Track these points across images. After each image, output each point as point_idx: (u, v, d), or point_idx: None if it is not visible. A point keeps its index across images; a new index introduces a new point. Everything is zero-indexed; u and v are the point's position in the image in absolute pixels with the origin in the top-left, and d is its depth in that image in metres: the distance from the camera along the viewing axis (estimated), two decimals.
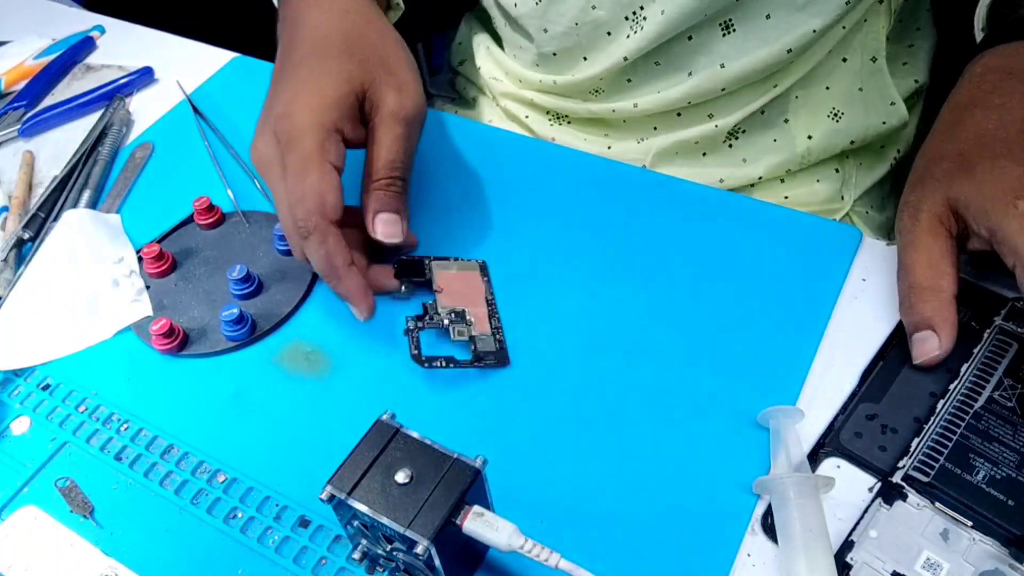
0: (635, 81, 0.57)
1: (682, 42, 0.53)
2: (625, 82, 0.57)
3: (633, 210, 0.49)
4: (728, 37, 0.52)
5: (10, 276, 0.51)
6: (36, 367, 0.46)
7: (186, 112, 0.62)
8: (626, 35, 0.54)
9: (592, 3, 0.54)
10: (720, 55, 0.52)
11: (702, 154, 0.59)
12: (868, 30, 0.54)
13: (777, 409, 0.38)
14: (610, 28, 0.54)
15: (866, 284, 0.44)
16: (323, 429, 0.42)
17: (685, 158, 0.59)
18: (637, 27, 0.53)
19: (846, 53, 0.55)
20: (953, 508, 0.34)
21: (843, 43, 0.54)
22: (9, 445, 0.43)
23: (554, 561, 0.31)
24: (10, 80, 0.68)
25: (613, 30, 0.54)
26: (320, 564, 0.37)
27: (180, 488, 0.40)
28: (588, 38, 0.56)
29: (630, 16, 0.53)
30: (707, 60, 0.53)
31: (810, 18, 0.50)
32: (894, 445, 0.37)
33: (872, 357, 0.40)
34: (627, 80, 0.57)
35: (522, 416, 0.41)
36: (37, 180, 0.59)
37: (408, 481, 0.31)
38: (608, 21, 0.54)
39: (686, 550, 0.35)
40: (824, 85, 0.56)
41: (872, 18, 0.53)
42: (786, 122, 0.57)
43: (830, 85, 0.55)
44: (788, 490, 0.35)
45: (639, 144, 0.59)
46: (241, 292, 0.47)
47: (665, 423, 0.40)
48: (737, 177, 0.58)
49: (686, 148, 0.58)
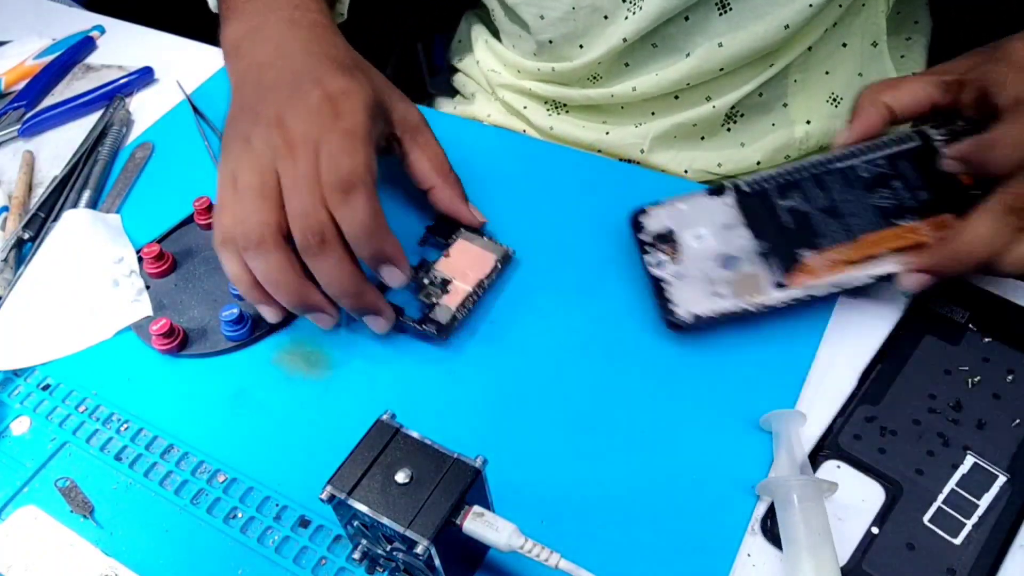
0: (633, 64, 0.57)
1: (679, 23, 0.53)
2: (623, 66, 0.57)
3: (631, 207, 0.49)
4: (725, 16, 0.52)
5: (10, 276, 0.51)
6: (36, 367, 0.46)
7: (186, 112, 0.62)
8: (624, 16, 0.54)
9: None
10: (717, 34, 0.53)
11: (700, 138, 0.59)
12: (867, 14, 0.54)
13: (780, 413, 0.38)
14: (607, 11, 0.54)
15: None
16: (323, 429, 0.42)
17: (683, 142, 0.59)
18: (635, 7, 0.53)
19: (846, 38, 0.55)
20: None
21: (843, 27, 0.54)
22: (9, 445, 0.43)
23: (554, 561, 0.31)
24: (10, 80, 0.68)
25: (610, 13, 0.54)
26: (320, 564, 0.37)
27: (180, 488, 0.40)
28: (585, 23, 0.56)
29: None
30: (704, 40, 0.53)
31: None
32: (893, 447, 0.37)
33: (871, 358, 0.41)
34: (625, 64, 0.57)
35: (522, 416, 0.41)
36: (37, 180, 0.59)
37: (408, 481, 0.31)
38: (605, 4, 0.54)
39: (686, 550, 0.35)
40: (824, 70, 0.56)
41: (870, 1, 0.53)
42: (784, 106, 0.57)
43: (830, 70, 0.56)
44: (792, 493, 0.35)
45: (637, 128, 0.59)
46: None
47: (664, 423, 0.40)
48: (735, 161, 0.58)
49: (684, 131, 0.58)
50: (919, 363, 0.40)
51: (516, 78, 0.64)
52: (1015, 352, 0.39)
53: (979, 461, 0.36)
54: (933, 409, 0.38)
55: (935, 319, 0.41)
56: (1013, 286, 0.42)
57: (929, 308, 0.42)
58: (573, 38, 0.57)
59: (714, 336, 0.42)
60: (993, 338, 0.40)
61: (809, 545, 0.33)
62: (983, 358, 0.39)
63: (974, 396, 0.38)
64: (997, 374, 0.39)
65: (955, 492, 0.35)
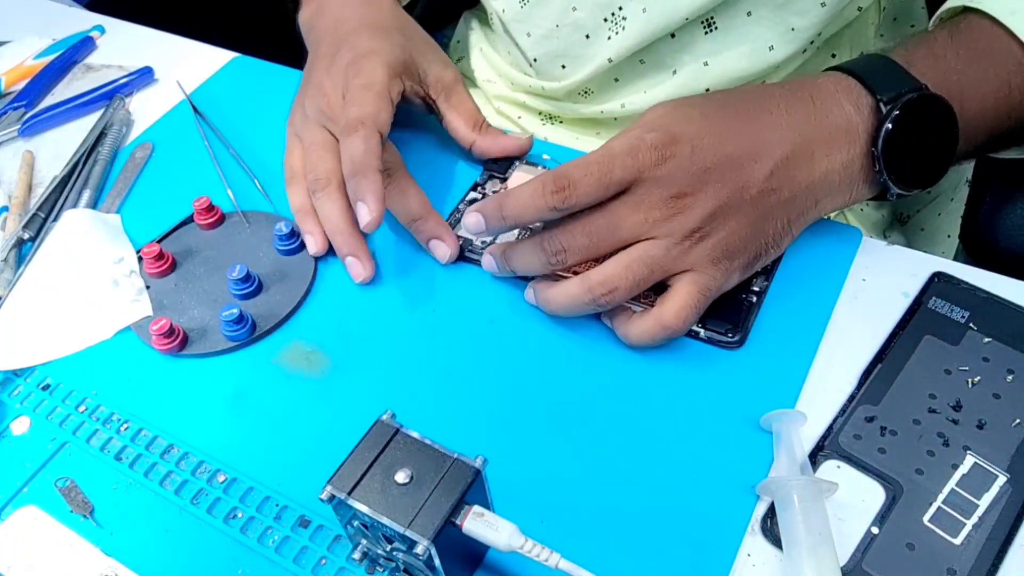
0: (622, 80, 0.57)
1: (666, 40, 0.53)
2: (612, 81, 0.57)
3: None
4: (711, 34, 0.52)
5: (10, 276, 0.51)
6: (36, 367, 0.46)
7: (186, 112, 0.62)
8: (607, 37, 0.54)
9: (572, 5, 0.54)
10: (704, 53, 0.53)
11: None
12: (857, 26, 0.54)
13: (780, 413, 0.38)
14: (589, 31, 0.54)
15: (866, 284, 0.44)
16: (323, 429, 0.42)
17: None
18: (617, 28, 0.53)
19: (835, 49, 0.55)
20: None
21: (832, 38, 0.54)
22: (9, 445, 0.43)
23: (554, 561, 0.31)
24: (10, 80, 0.68)
25: (592, 32, 0.54)
26: (320, 564, 0.37)
27: (180, 488, 0.40)
28: (568, 41, 0.56)
29: (609, 18, 0.53)
30: (690, 59, 0.53)
31: (791, 16, 0.50)
32: (893, 447, 0.37)
33: (871, 358, 0.41)
34: (614, 80, 0.57)
35: (522, 416, 0.41)
36: (37, 180, 0.59)
37: (408, 481, 0.31)
38: (586, 23, 0.54)
39: (686, 550, 0.35)
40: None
41: (860, 18, 0.53)
42: None
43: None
44: (792, 493, 0.35)
45: None
46: (241, 292, 0.47)
47: (665, 423, 0.40)
48: None
49: None
50: (919, 363, 0.40)
51: (510, 90, 0.64)
52: (1015, 352, 0.39)
53: (979, 461, 0.36)
54: (933, 409, 0.38)
55: (935, 319, 0.41)
56: (1014, 286, 0.42)
57: (929, 308, 0.42)
58: (556, 57, 0.57)
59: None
60: (993, 338, 0.40)
61: (809, 545, 0.33)
62: (983, 358, 0.39)
63: (974, 396, 0.38)
64: (997, 374, 0.39)
65: (955, 492, 0.35)
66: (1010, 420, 0.37)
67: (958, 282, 0.42)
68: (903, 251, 0.45)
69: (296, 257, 0.49)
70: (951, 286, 0.42)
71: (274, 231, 0.49)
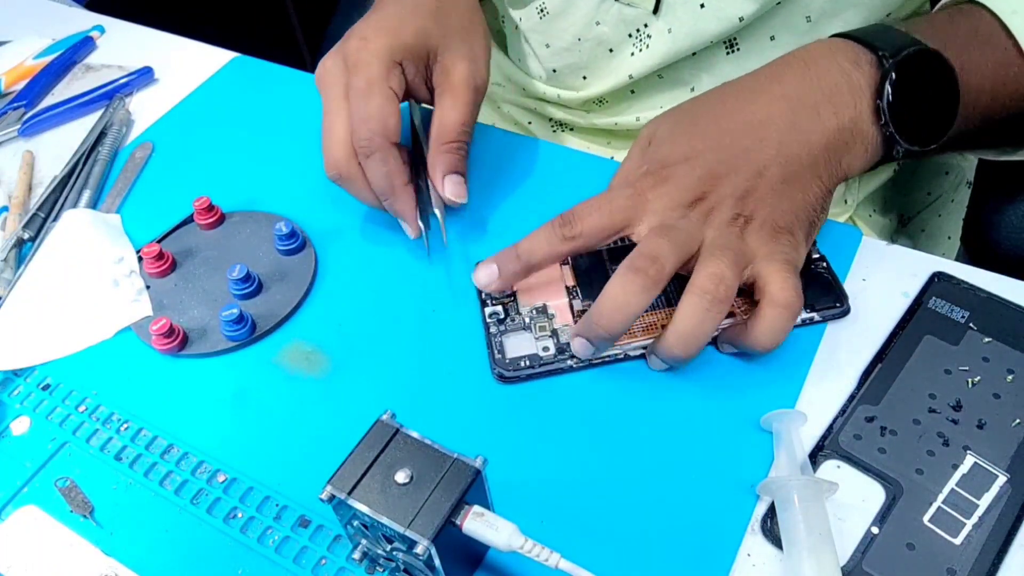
0: (638, 93, 0.57)
1: (687, 57, 0.53)
2: (629, 94, 0.57)
3: None
4: (732, 56, 0.52)
5: (10, 276, 0.51)
6: (36, 367, 0.46)
7: (186, 112, 0.62)
8: (630, 53, 0.54)
9: (596, 19, 0.53)
10: (723, 73, 0.52)
11: None
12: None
13: (780, 413, 0.38)
14: (612, 45, 0.54)
15: (866, 284, 0.44)
16: (323, 429, 0.42)
17: None
18: (642, 45, 0.53)
19: None
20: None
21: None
22: (9, 445, 0.43)
23: (554, 561, 0.31)
24: (10, 80, 0.68)
25: (616, 47, 0.54)
26: (320, 564, 0.37)
27: (180, 488, 0.40)
28: (590, 55, 0.56)
29: (634, 34, 0.53)
30: (709, 77, 0.53)
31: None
32: (893, 447, 0.37)
33: (871, 358, 0.41)
34: (631, 91, 0.57)
35: (522, 416, 0.41)
36: (37, 180, 0.59)
37: (408, 481, 0.31)
38: (611, 38, 0.54)
39: (686, 550, 0.35)
40: None
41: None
42: None
43: None
44: (792, 493, 0.35)
45: None
46: (241, 292, 0.47)
47: (665, 423, 0.40)
48: None
49: None
50: (919, 363, 0.40)
51: (521, 96, 0.64)
52: (1015, 352, 0.39)
53: (979, 461, 0.36)
54: (933, 409, 0.38)
55: (935, 319, 0.41)
56: (1014, 286, 0.42)
57: (929, 308, 0.42)
58: (577, 69, 0.57)
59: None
60: (993, 338, 0.40)
61: (809, 545, 0.33)
62: (983, 358, 0.39)
63: (974, 396, 0.38)
64: (997, 374, 0.39)
65: (955, 492, 0.35)
66: (1010, 420, 0.37)
67: (958, 282, 0.42)
68: (903, 251, 0.45)
69: (296, 257, 0.49)
70: (951, 286, 0.42)
71: (274, 231, 0.49)
